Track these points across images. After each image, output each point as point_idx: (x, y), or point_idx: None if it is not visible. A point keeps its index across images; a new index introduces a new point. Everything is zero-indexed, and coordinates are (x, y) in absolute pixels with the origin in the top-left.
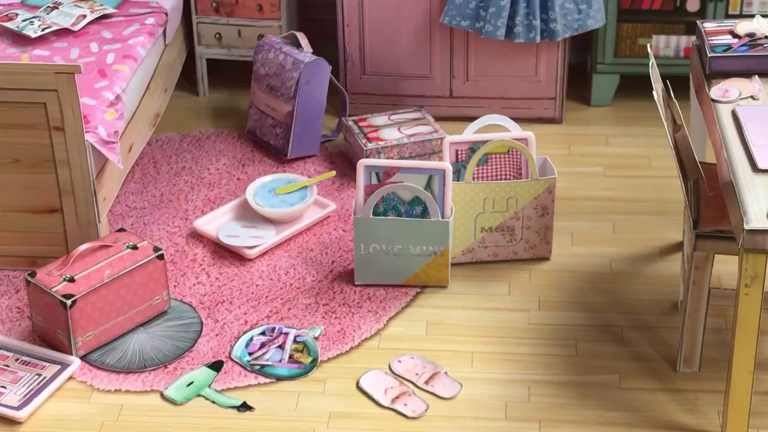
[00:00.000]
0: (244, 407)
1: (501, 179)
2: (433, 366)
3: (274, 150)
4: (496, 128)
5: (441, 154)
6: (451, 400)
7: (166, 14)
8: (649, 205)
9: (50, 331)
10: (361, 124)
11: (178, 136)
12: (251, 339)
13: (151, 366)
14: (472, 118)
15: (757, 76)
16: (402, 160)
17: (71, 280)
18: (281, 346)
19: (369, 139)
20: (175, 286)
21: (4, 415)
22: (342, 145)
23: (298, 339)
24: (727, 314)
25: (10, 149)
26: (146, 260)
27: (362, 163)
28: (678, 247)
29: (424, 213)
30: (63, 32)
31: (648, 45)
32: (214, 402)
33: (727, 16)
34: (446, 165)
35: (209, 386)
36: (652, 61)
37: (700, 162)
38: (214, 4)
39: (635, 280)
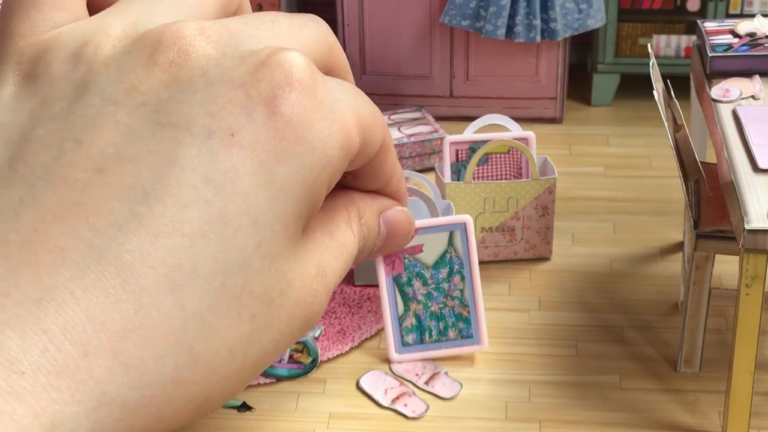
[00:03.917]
0: (244, 407)
1: (501, 179)
2: (433, 366)
3: None
4: (497, 128)
5: (441, 153)
6: (451, 401)
7: None
8: (650, 205)
9: None
10: None
11: None
12: None
13: None
14: (472, 118)
15: (757, 75)
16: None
17: None
18: None
19: None
20: None
21: None
22: None
23: (297, 339)
24: (727, 314)
25: None
26: None
27: None
28: (678, 247)
29: (451, 275)
30: None
31: (648, 45)
32: None
33: (728, 16)
34: (466, 218)
35: None
36: (653, 60)
37: (700, 162)
38: None
39: (635, 280)
